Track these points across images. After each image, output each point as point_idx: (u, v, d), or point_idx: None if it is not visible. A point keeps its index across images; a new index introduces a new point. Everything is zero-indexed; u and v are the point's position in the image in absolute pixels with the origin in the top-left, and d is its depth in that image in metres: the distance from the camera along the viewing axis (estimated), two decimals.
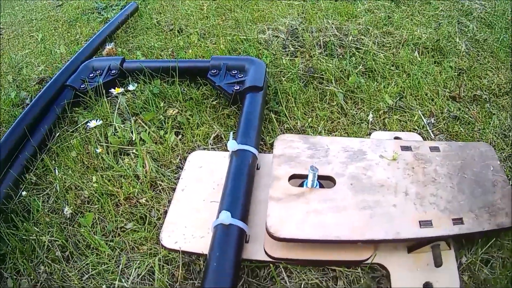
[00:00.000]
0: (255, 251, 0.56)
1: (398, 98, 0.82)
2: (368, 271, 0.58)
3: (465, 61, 0.96)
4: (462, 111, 0.81)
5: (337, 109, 0.81)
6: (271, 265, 0.56)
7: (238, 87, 0.78)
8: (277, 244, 0.55)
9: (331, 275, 0.58)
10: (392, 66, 0.94)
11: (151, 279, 0.58)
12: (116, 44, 1.15)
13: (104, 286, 0.56)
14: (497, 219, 0.58)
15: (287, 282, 0.57)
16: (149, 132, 0.71)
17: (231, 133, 0.62)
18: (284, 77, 0.92)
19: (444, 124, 0.78)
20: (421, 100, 0.83)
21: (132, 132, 0.71)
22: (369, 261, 0.56)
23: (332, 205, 0.54)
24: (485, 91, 0.86)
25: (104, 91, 0.86)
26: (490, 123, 0.77)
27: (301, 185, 0.59)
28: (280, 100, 0.83)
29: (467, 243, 0.62)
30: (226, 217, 0.54)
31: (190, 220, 0.58)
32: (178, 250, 0.56)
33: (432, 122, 0.76)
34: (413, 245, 0.58)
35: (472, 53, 0.99)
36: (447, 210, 0.56)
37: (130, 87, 0.82)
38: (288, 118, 0.79)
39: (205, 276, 0.50)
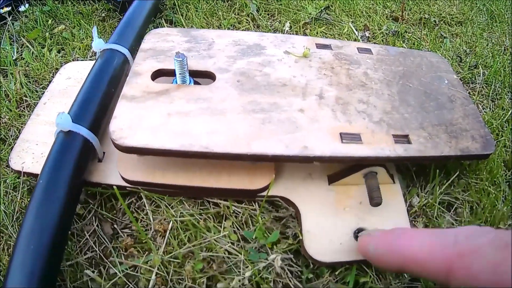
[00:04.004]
0: (110, 173, 0.36)
1: (324, 9, 0.60)
2: (270, 209, 0.35)
3: None
4: (406, 30, 0.60)
5: (247, 19, 0.60)
6: (132, 193, 0.35)
7: None
8: (134, 162, 0.34)
9: (212, 210, 0.35)
10: None
11: None
12: None
13: None
14: (460, 143, 0.36)
15: (151, 218, 0.34)
16: (32, 52, 0.54)
17: (95, 28, 0.41)
18: None
19: (382, 39, 0.56)
20: (355, 17, 0.61)
21: (13, 52, 0.54)
22: (264, 192, 0.34)
23: (206, 105, 0.32)
24: (434, 16, 0.65)
25: None
26: (441, 46, 0.55)
27: None
28: (178, 9, 0.61)
29: (418, 178, 0.40)
30: (64, 121, 0.34)
31: (43, 137, 0.40)
32: (23, 172, 0.37)
33: (367, 35, 0.54)
34: (337, 172, 0.35)
35: None
36: (384, 122, 0.34)
37: (21, 8, 0.64)
38: (185, 27, 0.58)
39: (30, 199, 0.31)
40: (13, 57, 0.53)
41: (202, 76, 0.35)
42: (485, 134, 0.37)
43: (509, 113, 0.46)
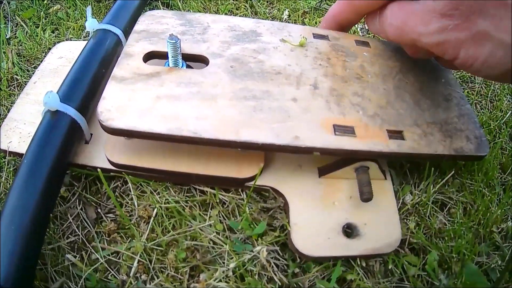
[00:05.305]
0: (96, 155, 0.35)
1: None
2: (258, 199, 0.34)
3: None
4: None
5: (245, 6, 0.58)
6: (117, 176, 0.35)
7: None
8: (121, 145, 0.33)
9: (198, 198, 0.34)
10: None
11: None
12: None
13: None
14: (455, 143, 0.35)
15: (136, 204, 0.33)
16: (26, 31, 0.52)
17: (89, 8, 0.40)
18: None
19: None
20: None
21: (7, 31, 0.53)
22: (251, 182, 0.33)
23: (196, 90, 0.31)
24: None
25: None
26: None
27: None
28: None
29: (412, 176, 0.38)
30: (52, 100, 0.33)
31: (31, 116, 0.39)
32: (8, 152, 0.36)
33: (366, 28, 0.52)
34: (328, 165, 0.34)
35: None
36: (379, 117, 0.33)
37: None
38: (182, 9, 0.57)
39: (14, 178, 0.31)
40: (6, 36, 0.52)
41: (195, 60, 0.34)
42: (480, 135, 0.36)
43: (507, 115, 0.45)
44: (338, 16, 0.39)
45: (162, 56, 0.34)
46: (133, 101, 0.31)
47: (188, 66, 0.34)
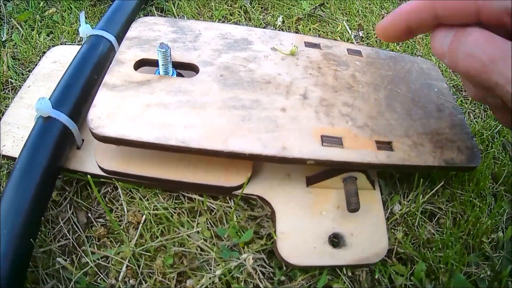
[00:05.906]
0: (88, 160, 0.36)
1: (318, 6, 0.58)
2: (245, 207, 0.35)
3: None
4: None
5: (239, 11, 0.58)
6: (108, 182, 0.35)
7: None
8: (111, 151, 0.34)
9: (187, 205, 0.34)
10: None
11: None
12: None
13: None
14: (445, 154, 0.35)
15: (125, 210, 0.34)
16: (22, 34, 0.53)
17: (82, 13, 0.41)
18: None
19: (376, 40, 0.54)
20: (350, 15, 0.60)
21: (3, 34, 0.53)
22: (238, 191, 0.33)
23: (186, 99, 0.32)
24: None
25: None
26: None
27: None
28: None
29: (402, 185, 0.38)
30: (44, 106, 0.33)
31: (25, 120, 0.39)
32: (2, 155, 0.37)
33: (361, 35, 0.53)
34: (315, 175, 0.34)
35: None
36: (368, 127, 0.33)
37: None
38: (176, 16, 0.57)
39: (6, 183, 0.31)
40: (2, 38, 0.52)
41: (185, 68, 0.34)
42: (472, 146, 0.37)
43: (500, 124, 0.45)
44: (411, 14, 0.31)
45: (153, 63, 0.35)
46: (123, 108, 0.31)
47: (179, 74, 0.35)
